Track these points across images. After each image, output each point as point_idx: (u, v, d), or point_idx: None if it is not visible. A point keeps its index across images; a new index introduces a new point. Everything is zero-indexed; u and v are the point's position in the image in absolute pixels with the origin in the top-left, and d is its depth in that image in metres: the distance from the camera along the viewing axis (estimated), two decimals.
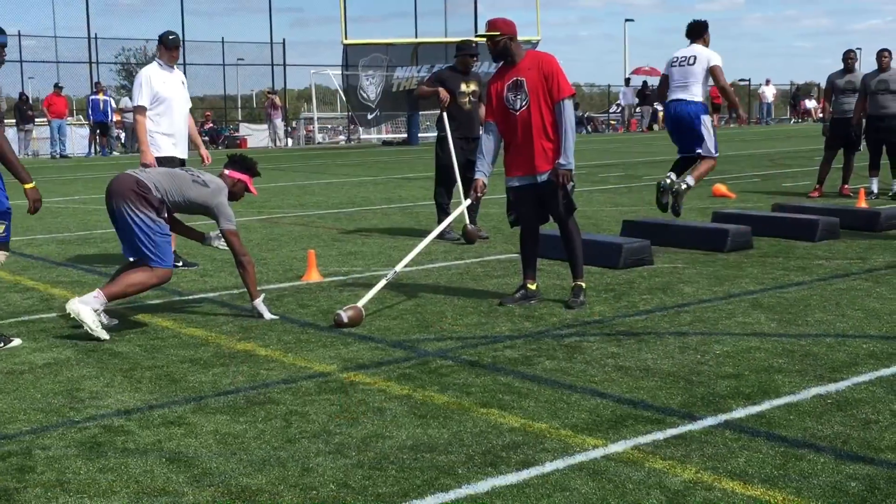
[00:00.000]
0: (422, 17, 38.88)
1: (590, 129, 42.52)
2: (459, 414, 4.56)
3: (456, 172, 9.84)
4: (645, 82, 43.34)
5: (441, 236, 10.18)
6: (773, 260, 8.63)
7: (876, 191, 13.64)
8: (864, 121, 13.67)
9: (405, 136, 34.87)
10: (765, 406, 4.60)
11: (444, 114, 9.96)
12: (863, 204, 12.14)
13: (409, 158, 25.79)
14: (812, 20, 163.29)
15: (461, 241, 9.98)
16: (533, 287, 7.06)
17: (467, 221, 9.93)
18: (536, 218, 7.02)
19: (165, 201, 6.43)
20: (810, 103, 48.95)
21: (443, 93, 9.88)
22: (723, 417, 4.45)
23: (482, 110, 10.61)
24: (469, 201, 7.50)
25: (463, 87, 9.99)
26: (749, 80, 55.43)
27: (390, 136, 36.77)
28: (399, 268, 6.98)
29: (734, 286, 7.48)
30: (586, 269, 7.54)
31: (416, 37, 37.37)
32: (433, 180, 10.53)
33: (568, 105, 6.65)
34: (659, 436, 4.22)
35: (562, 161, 6.66)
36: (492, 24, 6.84)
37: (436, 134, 10.59)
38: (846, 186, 14.01)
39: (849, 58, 13.95)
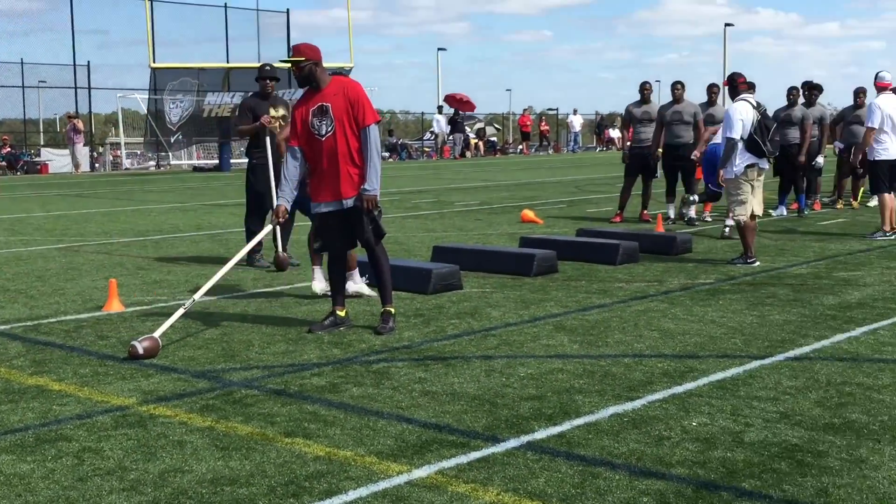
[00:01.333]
0: (234, 42, 38.33)
1: (404, 156, 42.89)
2: (263, 444, 4.47)
3: (274, 198, 9.66)
4: (456, 111, 44.07)
5: (251, 263, 10.03)
6: (577, 283, 8.90)
7: (673, 216, 14.30)
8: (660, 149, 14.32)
9: (217, 162, 34.23)
10: (565, 426, 4.72)
11: (267, 139, 9.81)
12: (660, 229, 12.69)
13: (220, 185, 25.31)
14: (615, 53, 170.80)
15: (271, 268, 9.84)
16: (342, 313, 7.03)
17: (279, 248, 9.80)
18: (344, 244, 6.99)
19: None
20: (614, 132, 50.96)
21: (264, 119, 9.75)
22: (525, 439, 4.53)
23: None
24: (270, 227, 7.41)
25: (272, 111, 9.88)
26: (557, 110, 57.36)
27: (201, 161, 36.00)
28: (198, 296, 6.79)
29: (539, 309, 7.67)
30: (396, 295, 7.57)
31: (228, 62, 36.82)
32: (245, 207, 10.36)
33: (373, 131, 6.68)
34: (463, 459, 4.26)
35: (366, 187, 6.67)
36: (296, 50, 6.80)
37: (247, 160, 10.42)
38: (645, 212, 14.63)
39: (645, 89, 14.60)
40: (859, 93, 15.74)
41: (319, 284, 8.22)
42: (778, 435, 4.55)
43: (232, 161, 32.95)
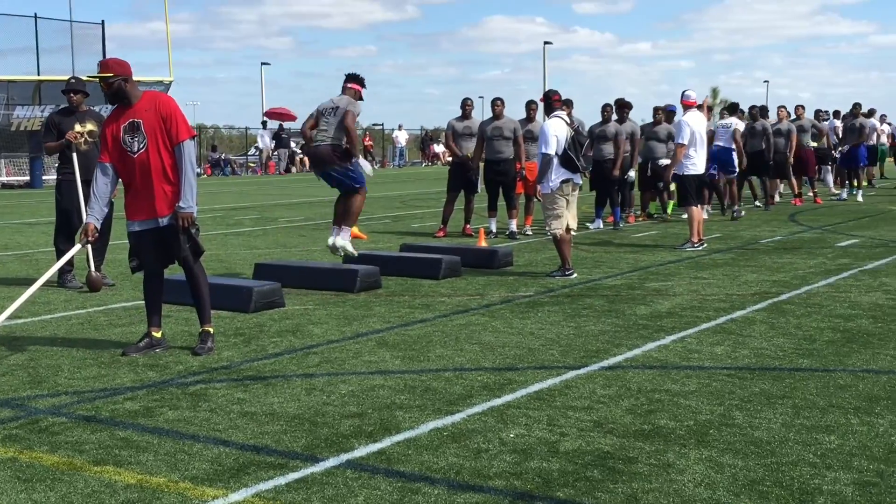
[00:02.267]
0: (46, 54, 36.65)
1: (228, 172, 42.15)
2: (70, 474, 4.28)
3: (84, 215, 9.30)
4: (280, 125, 43.63)
5: (62, 284, 9.63)
6: (400, 298, 8.93)
7: (494, 230, 14.56)
8: (482, 164, 14.58)
9: (27, 178, 32.73)
10: (385, 443, 4.71)
11: (74, 155, 9.45)
12: (483, 243, 12.89)
13: (32, 202, 24.21)
14: (439, 69, 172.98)
15: (84, 289, 9.47)
16: (158, 335, 6.83)
17: (91, 268, 9.44)
18: (160, 262, 6.80)
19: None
20: (439, 147, 51.54)
21: (70, 135, 9.38)
22: (345, 457, 4.50)
23: None
24: (79, 246, 7.14)
25: (78, 127, 9.52)
26: (383, 125, 57.63)
27: (11, 178, 34.34)
28: (1, 319, 6.46)
29: (362, 325, 7.65)
30: (216, 314, 7.42)
31: (39, 74, 35.27)
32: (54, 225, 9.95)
33: (188, 147, 6.53)
34: (281, 481, 4.19)
35: (182, 204, 6.51)
36: (104, 66, 6.61)
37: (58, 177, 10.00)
38: (468, 226, 14.83)
39: (466, 105, 14.82)
40: (657, 111, 16.65)
41: (335, 239, 9.91)
42: (591, 443, 4.68)
43: (45, 178, 31.55)
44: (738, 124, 17.75)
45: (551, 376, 6.00)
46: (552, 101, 10.35)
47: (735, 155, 17.36)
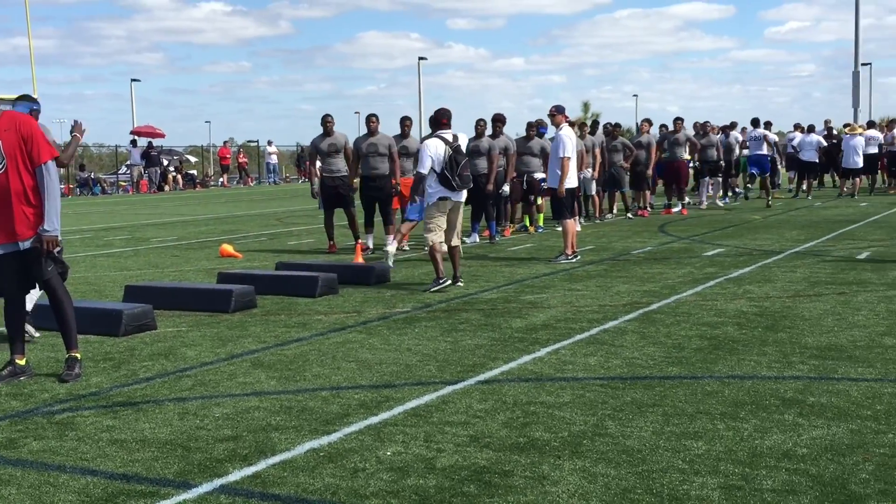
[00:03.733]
0: None
1: (98, 191, 41.02)
2: None
3: None
4: (150, 143, 42.70)
5: None
6: (276, 318, 8.83)
7: (371, 246, 14.54)
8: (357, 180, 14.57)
9: None
10: (261, 466, 4.64)
11: None
12: (359, 259, 12.85)
13: None
14: (314, 85, 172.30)
15: None
16: (22, 362, 6.59)
17: None
18: (21, 287, 6.56)
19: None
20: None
21: None
22: (219, 482, 4.42)
23: None
24: None
25: None
26: (258, 141, 57.04)
27: None
28: None
29: (237, 346, 7.53)
30: (84, 339, 7.21)
31: None
32: None
33: (50, 168, 6.33)
34: None
35: (45, 227, 6.30)
36: None
37: None
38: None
39: (326, 122, 14.69)
40: (530, 126, 16.97)
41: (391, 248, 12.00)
42: (468, 458, 4.70)
43: None
44: (768, 133, 23.98)
45: (428, 392, 6.01)
46: (440, 122, 10.41)
47: (769, 159, 23.66)
